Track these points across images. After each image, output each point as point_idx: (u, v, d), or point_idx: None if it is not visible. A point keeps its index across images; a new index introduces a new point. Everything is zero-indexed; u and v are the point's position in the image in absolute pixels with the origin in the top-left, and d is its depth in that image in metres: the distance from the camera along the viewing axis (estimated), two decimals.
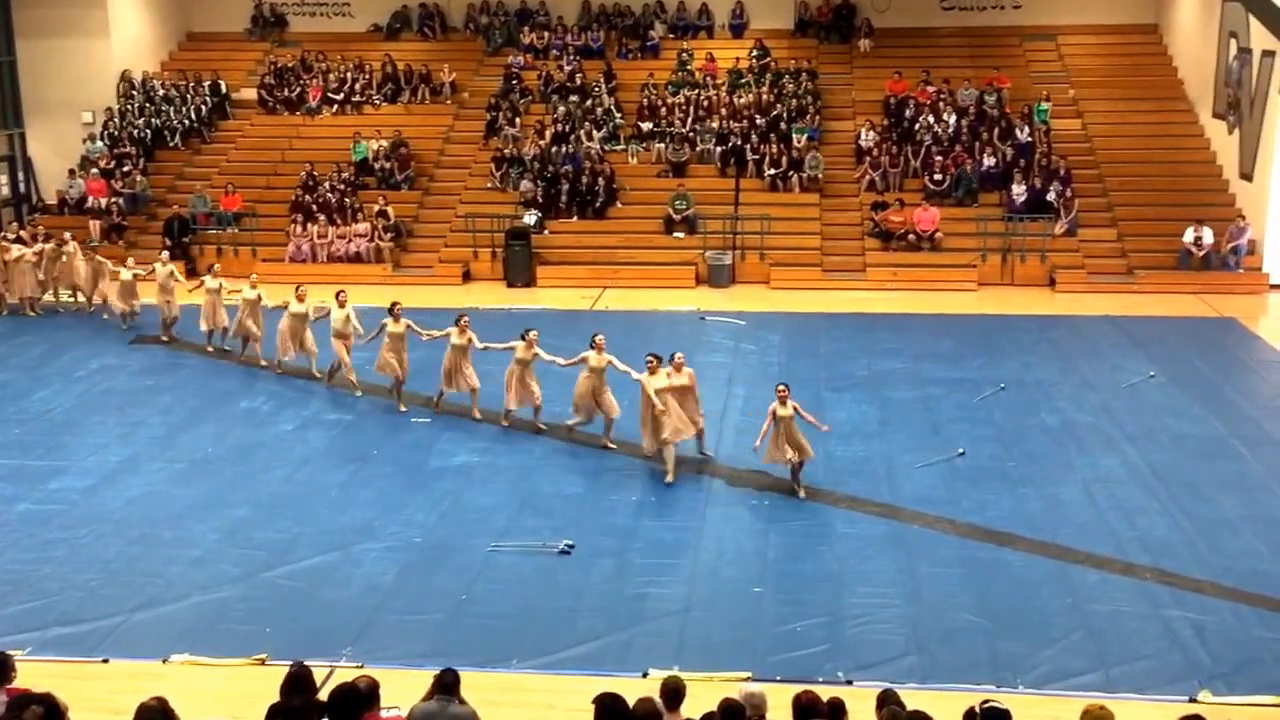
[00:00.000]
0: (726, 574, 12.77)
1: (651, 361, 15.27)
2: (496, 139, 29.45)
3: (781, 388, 14.66)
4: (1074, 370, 19.71)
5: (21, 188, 30.20)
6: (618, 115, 29.76)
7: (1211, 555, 13.01)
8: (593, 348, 16.16)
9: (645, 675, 10.47)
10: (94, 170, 29.16)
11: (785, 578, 12.57)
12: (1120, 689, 10.37)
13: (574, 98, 30.02)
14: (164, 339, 21.59)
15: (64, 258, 23.78)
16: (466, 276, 26.79)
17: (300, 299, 19.25)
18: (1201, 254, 25.32)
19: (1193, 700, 10.19)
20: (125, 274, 22.32)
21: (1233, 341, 21.45)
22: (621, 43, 32.41)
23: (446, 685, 8.11)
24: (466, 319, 17.48)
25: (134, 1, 31.79)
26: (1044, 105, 28.95)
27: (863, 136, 28.72)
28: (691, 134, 29.11)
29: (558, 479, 15.35)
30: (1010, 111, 28.99)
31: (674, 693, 7.86)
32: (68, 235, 24.54)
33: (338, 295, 18.76)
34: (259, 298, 19.92)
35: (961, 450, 15.93)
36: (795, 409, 14.57)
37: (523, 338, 16.78)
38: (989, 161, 27.72)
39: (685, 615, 11.84)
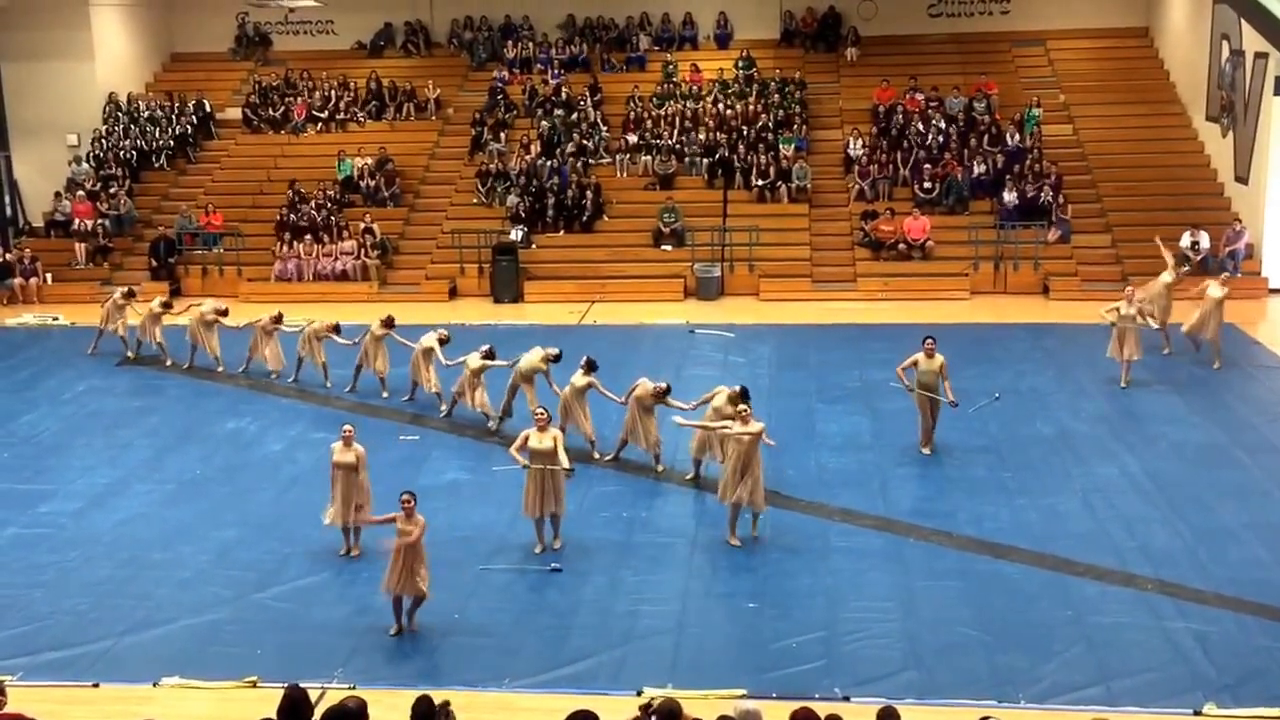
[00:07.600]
0: (720, 589, 12.63)
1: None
2: (482, 154, 29.32)
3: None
4: (1069, 379, 19.58)
5: (8, 211, 29.98)
6: (604, 128, 29.65)
7: (1214, 565, 12.87)
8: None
9: (639, 693, 10.31)
10: (80, 192, 28.98)
11: (780, 593, 12.44)
12: (1123, 703, 10.23)
13: (559, 111, 29.89)
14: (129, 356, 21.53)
15: None
16: (453, 293, 26.62)
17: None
18: (1199, 259, 25.12)
19: (1198, 714, 10.06)
20: None
21: (1232, 347, 21.28)
22: (606, 55, 32.33)
23: (418, 717, 7.93)
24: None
25: (118, 23, 31.66)
26: (1034, 111, 28.80)
27: (851, 146, 28.61)
28: (678, 146, 29.00)
29: None
30: (1000, 118, 28.91)
31: (670, 715, 7.68)
32: None
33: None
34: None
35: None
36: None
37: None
38: (979, 169, 27.64)
39: (679, 632, 11.70)
